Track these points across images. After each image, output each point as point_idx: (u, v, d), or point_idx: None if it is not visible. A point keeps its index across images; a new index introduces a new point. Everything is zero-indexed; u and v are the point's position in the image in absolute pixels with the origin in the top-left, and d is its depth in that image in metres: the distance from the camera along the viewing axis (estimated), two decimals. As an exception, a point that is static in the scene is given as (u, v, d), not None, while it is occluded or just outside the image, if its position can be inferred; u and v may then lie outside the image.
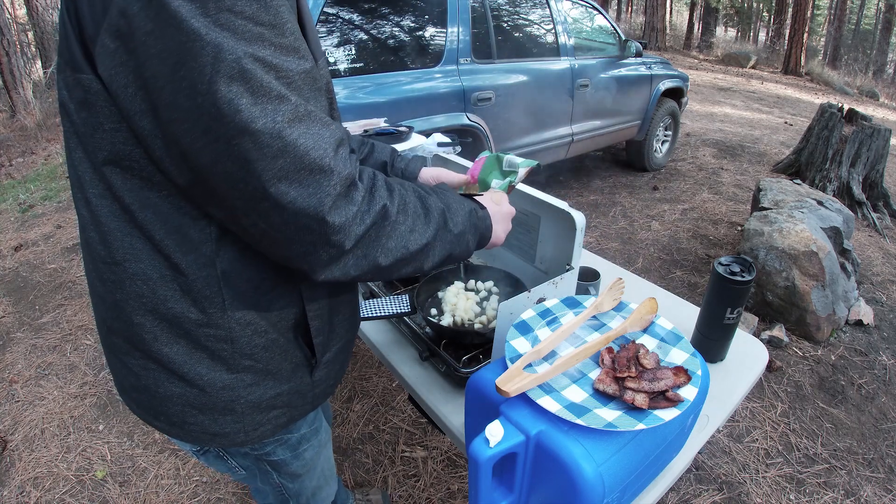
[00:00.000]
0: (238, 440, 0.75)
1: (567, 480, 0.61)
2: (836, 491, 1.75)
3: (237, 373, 0.69)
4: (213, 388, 0.69)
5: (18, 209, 4.00)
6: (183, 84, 0.47)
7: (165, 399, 0.70)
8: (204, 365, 0.68)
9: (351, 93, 2.35)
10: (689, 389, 0.69)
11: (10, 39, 6.19)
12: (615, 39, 3.88)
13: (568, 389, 0.70)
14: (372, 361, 2.31)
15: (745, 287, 0.98)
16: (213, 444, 0.75)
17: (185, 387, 0.69)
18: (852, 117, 4.09)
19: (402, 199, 0.63)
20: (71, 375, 2.26)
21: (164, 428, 0.75)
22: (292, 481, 0.95)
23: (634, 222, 3.72)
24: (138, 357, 0.68)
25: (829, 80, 11.40)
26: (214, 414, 0.71)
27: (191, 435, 0.74)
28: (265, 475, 0.93)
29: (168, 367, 0.67)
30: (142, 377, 0.70)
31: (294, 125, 0.50)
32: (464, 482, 1.75)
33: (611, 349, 0.76)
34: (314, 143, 0.52)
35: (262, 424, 0.75)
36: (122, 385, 0.76)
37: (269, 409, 0.75)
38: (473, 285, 1.16)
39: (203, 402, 0.70)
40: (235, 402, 0.71)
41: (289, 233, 0.55)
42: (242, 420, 0.73)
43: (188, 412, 0.71)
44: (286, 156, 0.50)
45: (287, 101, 0.50)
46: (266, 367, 0.71)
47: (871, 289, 2.91)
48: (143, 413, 0.75)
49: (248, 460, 0.88)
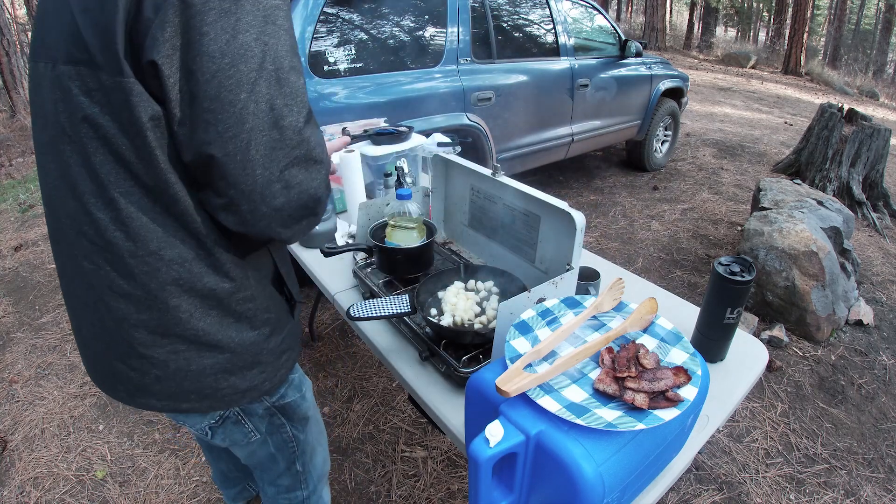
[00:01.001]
0: (266, 388, 0.85)
1: (567, 480, 0.61)
2: (836, 491, 1.75)
3: (259, 328, 0.80)
4: (243, 347, 0.79)
5: (18, 209, 4.01)
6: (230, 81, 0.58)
7: (198, 374, 0.77)
8: (233, 329, 0.77)
9: (351, 93, 2.35)
10: (689, 389, 0.69)
11: (10, 39, 6.19)
12: (615, 39, 3.88)
13: (568, 389, 0.70)
14: (372, 361, 2.31)
15: (745, 287, 0.98)
16: (243, 400, 0.83)
17: (216, 355, 0.77)
18: (852, 117, 4.09)
19: None
20: (71, 375, 2.26)
21: (194, 406, 0.80)
22: (303, 430, 1.05)
23: (634, 222, 3.72)
24: (168, 343, 0.74)
25: (829, 80, 11.40)
26: (244, 371, 0.81)
27: (223, 400, 0.81)
28: (279, 431, 1.00)
29: (200, 340, 0.75)
30: (171, 363, 0.75)
31: (309, 126, 0.65)
32: (464, 482, 1.75)
33: (611, 349, 0.76)
34: (318, 140, 0.66)
35: (280, 368, 0.87)
36: (139, 387, 0.78)
37: (282, 352, 0.87)
38: (473, 285, 1.16)
39: (234, 363, 0.79)
40: (260, 354, 0.82)
41: (289, 208, 0.66)
42: (267, 369, 0.84)
43: (221, 378, 0.79)
44: (302, 147, 0.64)
45: (305, 105, 0.64)
46: (276, 317, 0.84)
47: (871, 289, 2.91)
48: (169, 401, 0.79)
49: (264, 419, 0.96)
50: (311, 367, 2.28)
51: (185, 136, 0.60)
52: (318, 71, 2.27)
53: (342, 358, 2.34)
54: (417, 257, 1.25)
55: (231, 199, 0.63)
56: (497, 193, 1.24)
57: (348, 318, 1.03)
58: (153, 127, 0.60)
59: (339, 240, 1.56)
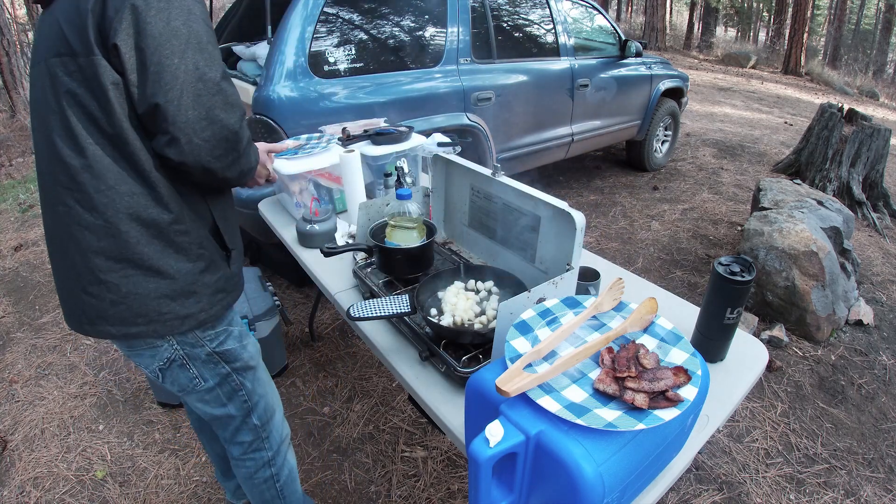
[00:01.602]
0: (202, 318, 1.01)
1: (567, 480, 0.61)
2: (836, 491, 1.75)
3: (194, 261, 0.98)
4: (181, 275, 0.97)
5: (18, 209, 4.01)
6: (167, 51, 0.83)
7: (145, 297, 0.95)
8: (172, 258, 0.96)
9: (351, 93, 2.35)
10: (689, 389, 0.69)
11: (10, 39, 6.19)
12: (615, 39, 3.88)
13: (568, 389, 0.70)
14: (372, 361, 2.31)
15: (745, 287, 0.98)
16: (183, 326, 1.00)
17: (159, 280, 0.95)
18: (852, 117, 4.09)
19: None
20: (71, 375, 2.26)
21: (142, 330, 0.97)
22: (248, 377, 1.18)
23: (634, 222, 3.72)
24: (121, 268, 0.93)
25: (829, 80, 11.40)
26: (182, 298, 0.98)
27: (166, 325, 0.98)
28: (225, 379, 1.14)
29: (146, 264, 0.93)
30: (122, 285, 0.93)
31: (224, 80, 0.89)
32: (464, 482, 1.75)
33: (611, 349, 0.76)
34: (232, 91, 0.90)
35: (214, 305, 1.03)
36: (98, 314, 0.96)
37: (217, 291, 1.04)
38: (473, 285, 1.16)
39: (174, 289, 0.97)
40: (196, 284, 0.99)
41: (215, 141, 0.88)
42: (202, 300, 1.01)
43: (163, 303, 0.96)
44: (220, 94, 0.88)
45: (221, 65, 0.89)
46: (210, 256, 1.01)
47: (871, 289, 2.91)
48: (121, 326, 0.96)
49: (208, 365, 1.10)
50: (311, 367, 2.29)
51: (138, 94, 0.85)
52: (318, 71, 2.27)
53: (342, 358, 2.34)
54: (417, 257, 1.25)
55: (172, 136, 0.85)
56: (497, 193, 1.24)
57: (348, 318, 1.03)
58: (114, 89, 0.85)
59: (339, 240, 1.56)
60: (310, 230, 1.55)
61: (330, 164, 1.65)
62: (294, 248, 1.60)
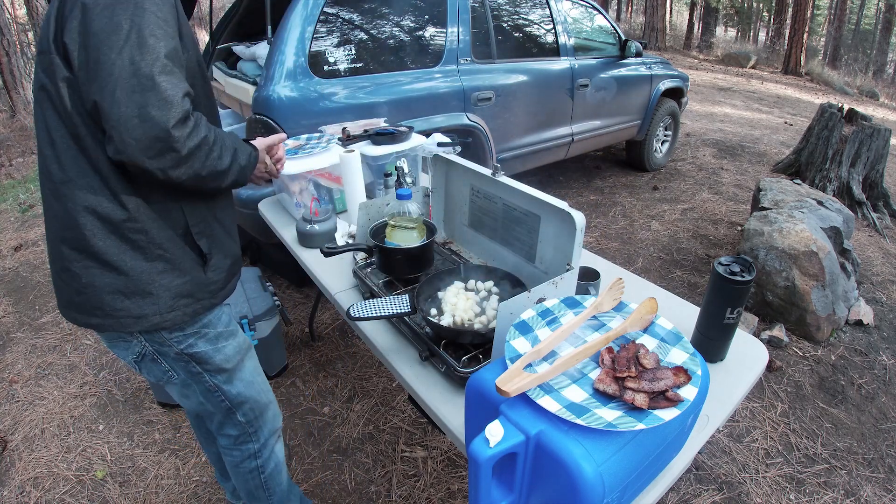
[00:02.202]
0: (156, 321, 0.99)
1: (567, 480, 0.61)
2: (836, 491, 1.75)
3: (152, 261, 0.97)
4: (135, 273, 0.96)
5: (18, 209, 4.00)
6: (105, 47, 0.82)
7: (101, 290, 0.95)
8: (128, 255, 0.95)
9: (351, 93, 2.35)
10: (689, 389, 0.69)
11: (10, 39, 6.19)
12: (615, 39, 3.88)
13: (568, 389, 0.70)
14: (372, 361, 2.31)
15: (745, 287, 0.98)
16: (136, 326, 0.99)
17: (115, 275, 0.95)
18: (852, 117, 4.09)
19: (215, 135, 0.94)
20: (71, 375, 2.26)
21: (101, 322, 0.98)
22: (224, 381, 1.16)
23: (634, 222, 3.72)
24: (81, 259, 0.94)
25: (829, 80, 11.40)
26: (136, 297, 0.97)
27: (120, 322, 0.98)
28: (199, 379, 1.13)
29: (103, 258, 0.94)
30: (83, 276, 0.95)
31: (162, 75, 0.84)
32: (464, 482, 1.75)
33: (611, 349, 0.76)
34: (171, 86, 0.84)
35: (175, 309, 1.01)
36: (67, 299, 0.99)
37: (179, 296, 1.01)
38: (473, 285, 1.16)
39: (128, 286, 0.96)
40: (151, 285, 0.97)
41: (147, 140, 0.83)
42: (158, 303, 0.99)
43: (117, 298, 0.96)
44: (154, 90, 0.83)
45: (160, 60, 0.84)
46: (172, 258, 0.99)
47: (871, 289, 2.91)
48: (84, 316, 0.98)
49: (179, 363, 1.09)
50: (311, 367, 2.29)
51: (84, 90, 0.85)
52: (318, 71, 2.27)
53: (342, 358, 2.34)
54: (417, 257, 1.25)
55: (109, 133, 0.84)
56: (497, 193, 1.24)
57: (348, 318, 1.03)
58: (66, 86, 0.88)
59: (339, 240, 1.56)
60: (310, 230, 1.55)
61: (330, 164, 1.65)
62: (294, 248, 1.60)
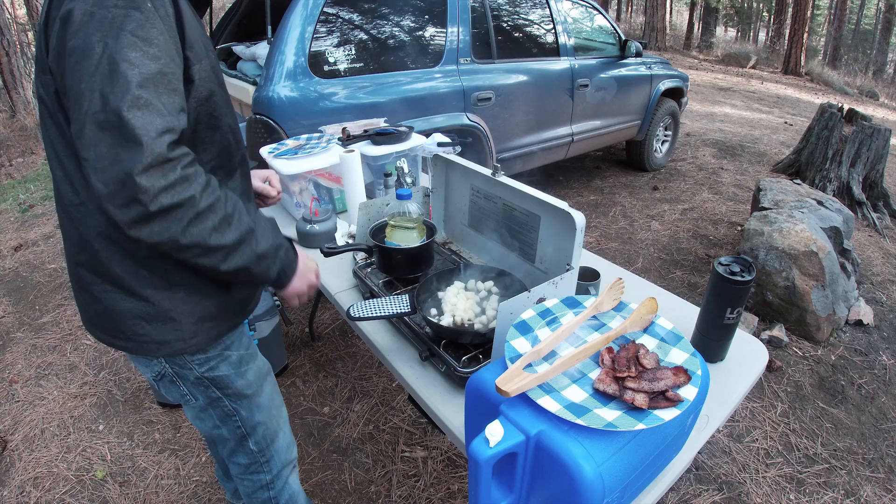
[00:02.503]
0: (179, 347, 0.93)
1: (567, 480, 0.61)
2: (836, 491, 1.75)
3: (173, 286, 0.89)
4: (156, 299, 0.89)
5: (18, 209, 4.00)
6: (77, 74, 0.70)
7: (122, 315, 0.90)
8: (147, 281, 0.88)
9: (351, 93, 2.35)
10: (689, 389, 0.69)
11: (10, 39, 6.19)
12: (615, 39, 3.88)
13: (568, 389, 0.70)
14: (372, 361, 2.31)
15: (745, 287, 0.98)
16: (159, 352, 0.93)
17: (135, 301, 0.89)
18: (852, 117, 4.09)
19: (217, 201, 0.78)
20: (71, 375, 2.26)
21: (124, 345, 0.93)
22: (243, 406, 1.09)
23: (634, 222, 3.72)
24: (100, 283, 0.88)
25: (829, 80, 11.40)
26: (158, 323, 0.90)
27: (142, 347, 0.92)
28: (217, 404, 1.06)
29: (121, 285, 0.87)
30: (104, 300, 0.89)
31: (133, 110, 0.69)
32: (464, 482, 1.75)
33: (611, 349, 0.76)
34: (143, 124, 0.69)
35: (198, 334, 0.94)
36: (89, 317, 0.94)
37: (202, 320, 0.94)
38: (473, 285, 1.16)
39: (149, 312, 0.89)
40: (174, 311, 0.90)
41: (113, 186, 0.69)
42: (181, 328, 0.92)
43: (138, 324, 0.90)
44: (122, 128, 0.68)
45: (130, 92, 0.69)
46: (194, 283, 0.91)
47: (871, 289, 2.91)
48: (107, 336, 0.94)
49: (198, 387, 1.02)
50: (311, 367, 2.29)
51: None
52: (318, 71, 2.27)
53: (342, 358, 2.34)
54: (417, 257, 1.25)
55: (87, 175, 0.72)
56: (497, 193, 1.24)
57: (348, 318, 1.03)
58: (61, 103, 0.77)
59: (339, 240, 1.56)
60: (310, 230, 1.55)
61: (330, 164, 1.65)
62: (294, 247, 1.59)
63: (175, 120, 0.73)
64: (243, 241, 0.82)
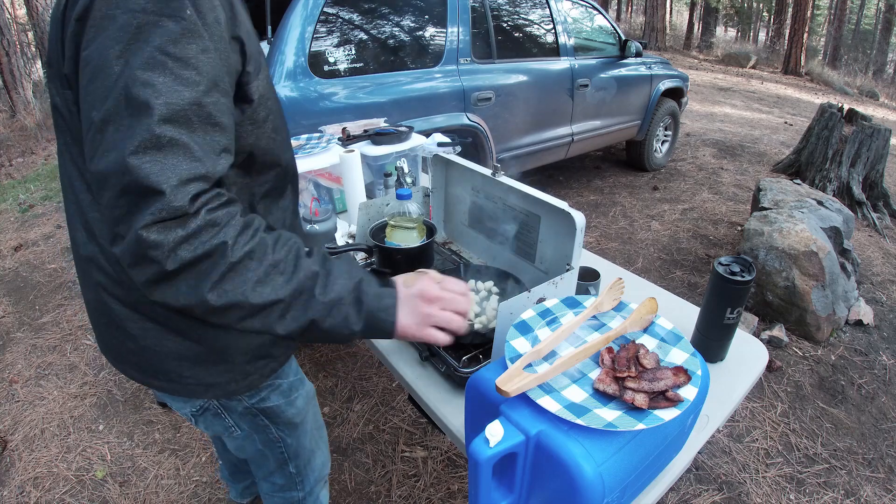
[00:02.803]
0: (231, 389, 0.84)
1: (567, 480, 0.61)
2: (836, 491, 1.75)
3: None
4: (206, 340, 0.79)
5: (18, 209, 4.01)
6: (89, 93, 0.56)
7: (165, 356, 0.79)
8: (196, 322, 0.75)
9: (351, 93, 2.35)
10: (689, 389, 0.69)
11: (10, 39, 6.19)
12: (615, 39, 3.88)
13: (568, 389, 0.70)
14: (372, 361, 2.31)
15: (745, 287, 0.98)
16: (207, 394, 0.85)
17: (181, 341, 0.78)
18: (852, 117, 4.09)
19: (259, 247, 0.60)
20: (71, 375, 2.26)
21: (164, 385, 0.83)
22: (290, 434, 1.04)
23: (634, 222, 3.72)
24: (139, 319, 0.77)
25: (829, 80, 11.40)
26: (208, 365, 0.81)
27: (187, 388, 0.82)
28: (263, 431, 0.99)
29: (166, 324, 0.77)
30: (141, 339, 0.78)
31: (148, 151, 0.54)
32: (464, 482, 1.75)
33: (611, 349, 0.76)
34: (159, 170, 0.54)
35: (251, 374, 0.86)
36: (118, 353, 0.83)
37: (257, 358, 0.86)
38: (473, 285, 1.16)
39: (198, 354, 0.79)
40: (226, 352, 0.81)
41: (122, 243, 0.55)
42: (234, 369, 0.83)
43: (184, 366, 0.80)
44: (127, 176, 0.53)
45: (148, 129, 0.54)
46: None
47: (871, 289, 2.91)
48: (142, 375, 0.83)
49: (245, 418, 0.95)
50: (311, 367, 2.29)
51: None
52: (318, 71, 2.27)
53: (342, 358, 2.34)
54: (417, 257, 1.25)
55: None
56: (497, 193, 1.24)
57: (348, 318, 1.03)
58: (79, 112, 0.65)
59: (339, 240, 1.56)
60: (310, 230, 1.54)
61: (330, 164, 1.65)
62: (294, 248, 1.59)
63: (211, 164, 0.58)
64: (303, 290, 0.63)
